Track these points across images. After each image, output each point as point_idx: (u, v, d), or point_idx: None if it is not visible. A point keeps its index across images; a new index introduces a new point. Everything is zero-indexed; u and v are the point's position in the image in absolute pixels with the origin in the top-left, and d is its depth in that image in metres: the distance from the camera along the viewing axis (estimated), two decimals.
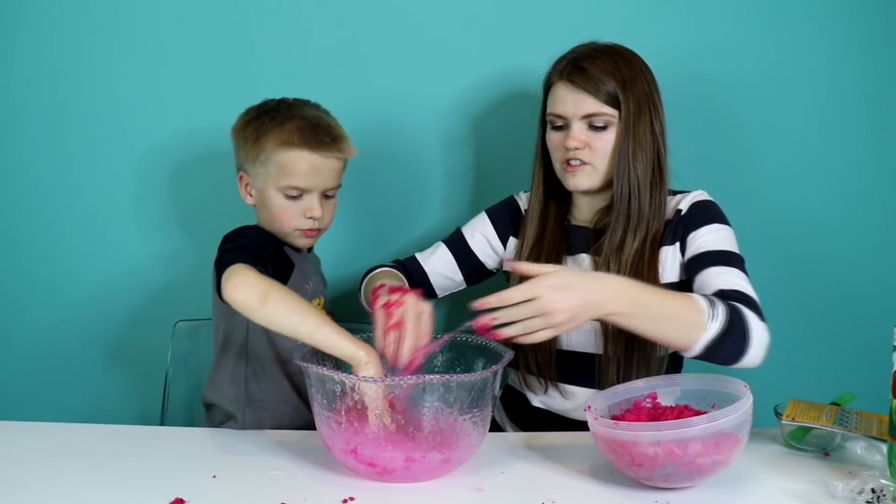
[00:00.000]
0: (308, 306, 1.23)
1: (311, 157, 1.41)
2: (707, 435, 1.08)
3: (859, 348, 1.84)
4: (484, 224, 1.59)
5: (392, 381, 1.14)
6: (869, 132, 1.83)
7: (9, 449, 1.27)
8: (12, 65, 1.79)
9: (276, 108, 1.45)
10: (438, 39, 1.79)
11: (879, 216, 1.85)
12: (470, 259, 1.58)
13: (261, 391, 1.45)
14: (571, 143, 1.41)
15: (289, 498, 1.11)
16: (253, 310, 1.20)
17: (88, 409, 1.87)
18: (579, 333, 1.44)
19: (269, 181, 1.42)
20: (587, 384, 1.46)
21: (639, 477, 1.14)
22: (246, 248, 1.32)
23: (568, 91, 1.41)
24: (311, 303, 1.48)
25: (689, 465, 1.10)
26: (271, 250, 1.37)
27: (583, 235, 1.50)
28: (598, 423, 1.15)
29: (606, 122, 1.41)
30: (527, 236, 1.51)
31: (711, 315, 1.21)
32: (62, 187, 1.82)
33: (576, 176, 1.44)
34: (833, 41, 1.80)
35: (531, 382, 1.50)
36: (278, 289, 1.22)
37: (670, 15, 1.79)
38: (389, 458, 1.14)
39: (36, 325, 1.86)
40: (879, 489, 1.09)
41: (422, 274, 1.57)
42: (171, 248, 1.84)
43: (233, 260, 1.26)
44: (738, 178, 1.82)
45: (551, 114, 1.44)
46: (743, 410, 1.10)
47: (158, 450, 1.28)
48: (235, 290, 1.20)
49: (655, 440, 1.09)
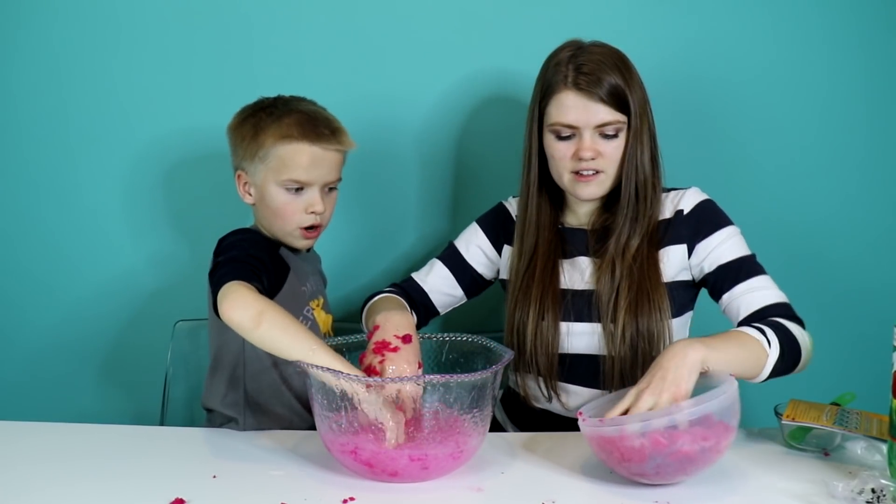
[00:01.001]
0: (301, 329, 1.22)
1: (311, 149, 1.40)
2: (691, 421, 1.10)
3: (859, 348, 1.84)
4: (477, 235, 1.57)
5: (379, 380, 1.13)
6: (869, 132, 1.83)
7: (9, 449, 1.28)
8: (11, 65, 1.79)
9: (273, 104, 1.45)
10: (436, 38, 1.79)
11: (879, 216, 1.85)
12: (468, 272, 1.57)
13: (259, 395, 1.44)
14: (587, 153, 1.38)
15: (289, 498, 1.11)
16: (246, 330, 1.21)
17: (88, 408, 1.86)
18: (582, 337, 1.43)
19: (269, 176, 1.42)
20: (591, 385, 1.45)
21: (632, 473, 1.14)
22: (239, 260, 1.31)
23: (578, 99, 1.37)
24: (309, 307, 1.48)
25: (677, 454, 1.10)
26: (265, 259, 1.36)
27: (581, 238, 1.48)
28: (586, 424, 1.16)
29: (617, 130, 1.39)
30: (523, 245, 1.49)
31: (768, 342, 1.29)
32: (63, 187, 1.82)
33: (589, 185, 1.41)
34: (833, 42, 1.80)
35: (532, 389, 1.48)
36: (274, 310, 1.22)
37: (663, 14, 1.79)
38: (390, 459, 1.14)
39: (36, 325, 1.86)
40: (879, 489, 1.09)
41: (422, 294, 1.55)
42: (170, 248, 1.84)
43: (227, 275, 1.26)
44: (737, 177, 1.82)
45: (558, 123, 1.39)
46: (725, 395, 1.11)
47: (158, 450, 1.28)
48: (231, 310, 1.21)
49: (640, 431, 1.10)
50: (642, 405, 1.15)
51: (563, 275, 1.46)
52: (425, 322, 1.57)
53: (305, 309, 1.47)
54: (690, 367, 1.18)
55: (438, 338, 1.33)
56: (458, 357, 1.32)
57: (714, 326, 1.34)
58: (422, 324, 1.56)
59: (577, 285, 1.45)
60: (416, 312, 1.54)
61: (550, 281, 1.45)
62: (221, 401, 1.45)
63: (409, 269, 1.70)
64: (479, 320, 1.84)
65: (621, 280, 1.40)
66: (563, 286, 1.45)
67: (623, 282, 1.40)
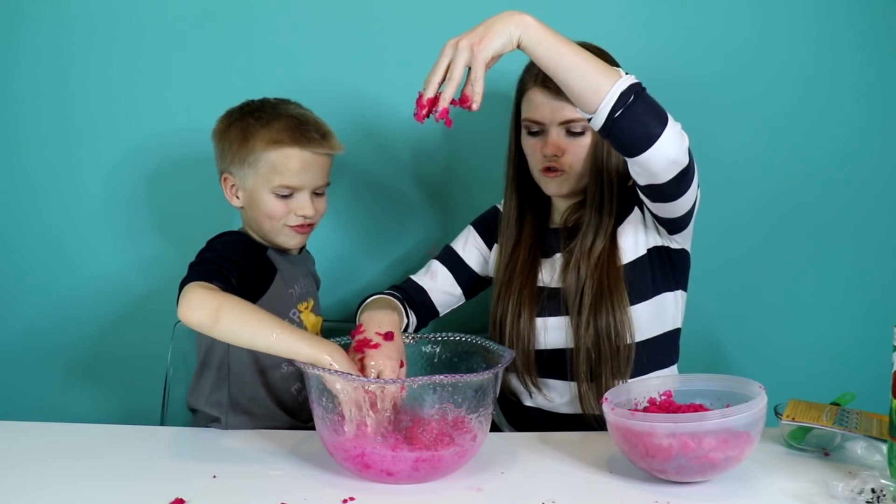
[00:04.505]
0: (264, 316, 1.20)
1: (301, 154, 1.40)
2: (721, 430, 1.10)
3: (859, 348, 1.83)
4: (473, 236, 1.59)
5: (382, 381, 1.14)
6: (869, 132, 1.82)
7: (9, 449, 1.28)
8: (12, 66, 1.79)
9: (261, 108, 1.44)
10: (429, 39, 1.76)
11: (879, 216, 1.85)
12: (466, 272, 1.58)
13: (241, 397, 1.45)
14: (550, 150, 1.41)
15: (289, 498, 1.11)
16: (207, 328, 1.19)
17: (88, 409, 1.86)
18: (553, 331, 1.45)
19: (259, 181, 1.41)
20: (564, 378, 1.46)
21: (651, 468, 1.14)
22: (208, 261, 1.31)
23: (544, 97, 1.41)
24: (298, 307, 1.48)
25: (703, 458, 1.11)
26: (239, 259, 1.35)
27: (556, 236, 1.50)
28: (614, 413, 1.16)
29: (584, 127, 1.41)
30: (504, 242, 1.52)
31: (624, 75, 1.18)
32: (64, 186, 1.82)
33: (555, 181, 1.44)
34: (830, 41, 1.79)
35: (515, 384, 1.51)
36: (231, 303, 1.20)
37: (657, 13, 1.78)
38: (390, 460, 1.14)
39: (36, 324, 1.86)
40: (879, 489, 1.09)
41: (421, 294, 1.55)
42: (170, 248, 1.84)
43: (189, 278, 1.25)
44: (738, 178, 1.82)
45: (527, 120, 1.44)
46: (758, 408, 1.12)
47: (158, 450, 1.28)
48: (188, 310, 1.19)
49: (671, 432, 1.10)
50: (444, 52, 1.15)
51: (541, 272, 1.49)
52: (425, 323, 1.57)
53: (292, 311, 1.47)
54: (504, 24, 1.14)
55: (437, 338, 1.34)
56: (452, 357, 1.33)
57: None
58: (422, 324, 1.56)
59: (551, 283, 1.48)
60: (417, 313, 1.54)
61: (528, 278, 1.48)
62: (206, 400, 1.46)
63: (404, 270, 1.70)
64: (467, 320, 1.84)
65: (586, 278, 1.42)
66: (539, 283, 1.48)
67: (588, 280, 1.41)
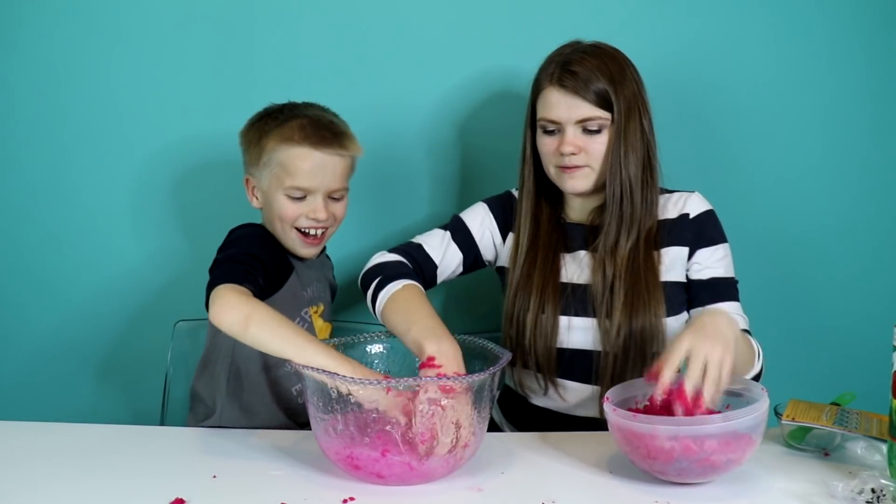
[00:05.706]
0: (292, 328, 1.21)
1: (312, 154, 1.39)
2: (723, 433, 1.10)
3: (859, 348, 1.84)
4: (486, 214, 1.56)
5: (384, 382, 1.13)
6: (870, 132, 1.83)
7: (9, 449, 1.28)
8: (13, 66, 1.79)
9: (281, 109, 1.45)
10: (438, 39, 1.79)
11: (880, 216, 1.85)
12: (472, 251, 1.55)
13: (242, 390, 1.45)
14: (567, 148, 1.41)
15: (289, 498, 1.11)
16: (237, 334, 1.22)
17: (88, 408, 1.86)
18: (578, 331, 1.44)
19: (272, 183, 1.41)
20: (586, 380, 1.46)
21: (653, 470, 1.14)
22: (235, 260, 1.31)
23: (560, 96, 1.41)
24: (308, 310, 1.48)
25: (704, 461, 1.11)
26: (264, 257, 1.35)
27: (580, 233, 1.50)
28: (615, 414, 1.15)
29: (600, 126, 1.41)
30: (521, 237, 1.50)
31: (758, 355, 1.36)
32: (64, 189, 1.82)
33: (574, 178, 1.44)
34: (834, 44, 1.80)
35: (529, 382, 1.50)
36: (261, 311, 1.22)
37: (663, 15, 1.79)
38: (386, 462, 1.13)
39: (36, 324, 1.86)
40: (879, 489, 1.09)
41: (431, 268, 1.51)
42: (169, 249, 1.84)
43: (220, 277, 1.26)
44: (738, 178, 1.82)
45: (543, 119, 1.44)
46: (760, 412, 1.12)
47: (158, 450, 1.28)
48: (220, 314, 1.22)
49: (673, 435, 1.10)
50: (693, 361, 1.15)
51: (564, 268, 1.48)
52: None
53: (303, 311, 1.46)
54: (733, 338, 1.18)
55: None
56: None
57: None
58: None
59: (577, 279, 1.47)
60: (423, 285, 1.47)
61: (551, 273, 1.47)
62: (205, 385, 1.47)
63: None
64: (476, 320, 1.84)
65: (614, 278, 1.42)
66: (563, 280, 1.47)
67: (617, 280, 1.42)
